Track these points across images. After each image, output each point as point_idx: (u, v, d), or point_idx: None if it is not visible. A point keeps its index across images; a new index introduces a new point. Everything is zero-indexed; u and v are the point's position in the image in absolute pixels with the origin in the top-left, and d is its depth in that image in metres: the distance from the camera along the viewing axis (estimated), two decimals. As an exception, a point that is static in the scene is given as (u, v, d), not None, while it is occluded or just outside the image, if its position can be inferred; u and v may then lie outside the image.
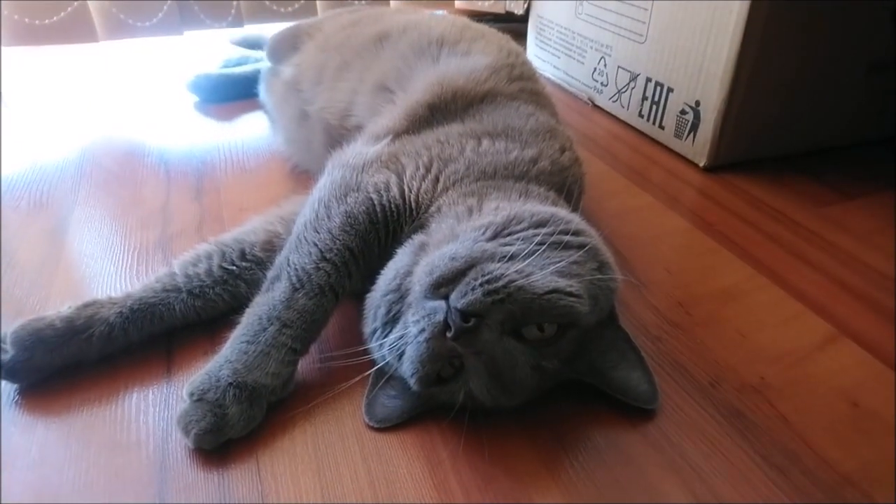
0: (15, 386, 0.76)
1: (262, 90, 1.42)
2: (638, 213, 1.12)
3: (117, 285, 0.93)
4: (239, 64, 1.59)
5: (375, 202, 0.80)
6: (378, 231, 0.80)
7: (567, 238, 0.69)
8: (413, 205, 0.80)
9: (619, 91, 1.43)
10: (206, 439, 0.66)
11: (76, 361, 0.77)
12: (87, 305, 0.78)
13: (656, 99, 1.33)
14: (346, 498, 0.64)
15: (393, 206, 0.80)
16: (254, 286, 0.81)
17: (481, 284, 0.62)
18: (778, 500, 0.64)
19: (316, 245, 0.78)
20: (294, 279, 0.76)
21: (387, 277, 0.73)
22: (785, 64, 1.17)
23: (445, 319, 0.62)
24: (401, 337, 0.67)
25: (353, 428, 0.71)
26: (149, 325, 0.79)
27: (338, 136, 1.05)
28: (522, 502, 0.64)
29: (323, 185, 0.84)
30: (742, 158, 1.26)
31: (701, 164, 1.25)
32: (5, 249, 1.00)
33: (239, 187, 1.18)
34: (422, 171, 0.82)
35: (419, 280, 0.66)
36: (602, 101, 1.50)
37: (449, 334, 0.61)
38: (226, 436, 0.67)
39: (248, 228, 0.90)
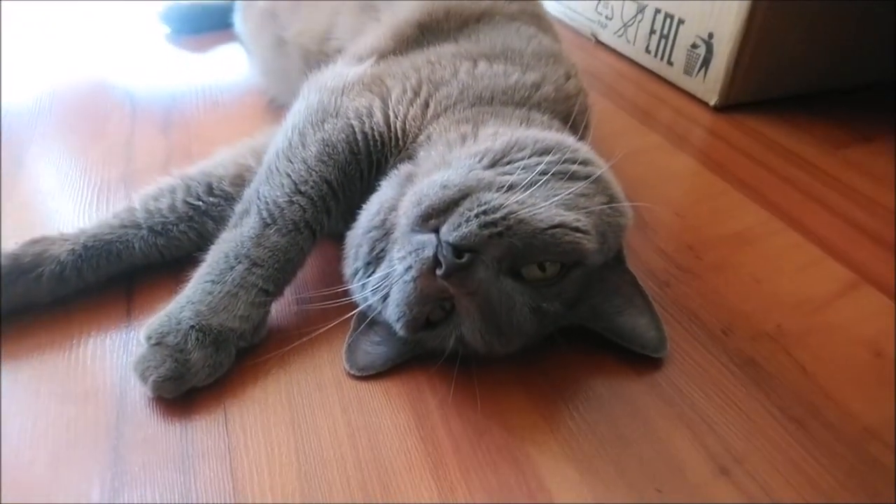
0: (-42, 330, 0.68)
1: (237, 19, 1.31)
2: (644, 153, 1.04)
3: (76, 224, 0.84)
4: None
5: (356, 129, 0.71)
6: (359, 162, 0.71)
7: (574, 168, 0.61)
8: (399, 132, 0.71)
9: (624, 25, 1.33)
10: (165, 387, 0.59)
11: (25, 304, 0.69)
12: (35, 242, 0.70)
13: (665, 32, 1.23)
14: (322, 451, 0.57)
15: (376, 133, 0.71)
16: (222, 224, 0.72)
17: (477, 215, 0.54)
18: (796, 455, 0.59)
19: (289, 176, 0.70)
20: (265, 213, 0.68)
21: (370, 212, 0.65)
22: (805, -6, 1.07)
23: (435, 255, 0.54)
24: (385, 277, 0.60)
25: (331, 376, 0.65)
26: (105, 264, 0.72)
27: (317, 63, 0.95)
28: (518, 456, 0.58)
29: (298, 111, 0.75)
30: (755, 97, 1.18)
31: (711, 103, 1.17)
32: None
33: (210, 122, 1.09)
34: (409, 94, 0.73)
35: (405, 212, 0.58)
36: (606, 36, 1.40)
37: (439, 272, 0.54)
38: (188, 384, 0.60)
39: (217, 161, 0.82)
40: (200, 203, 0.76)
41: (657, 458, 0.58)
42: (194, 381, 0.61)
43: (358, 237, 0.65)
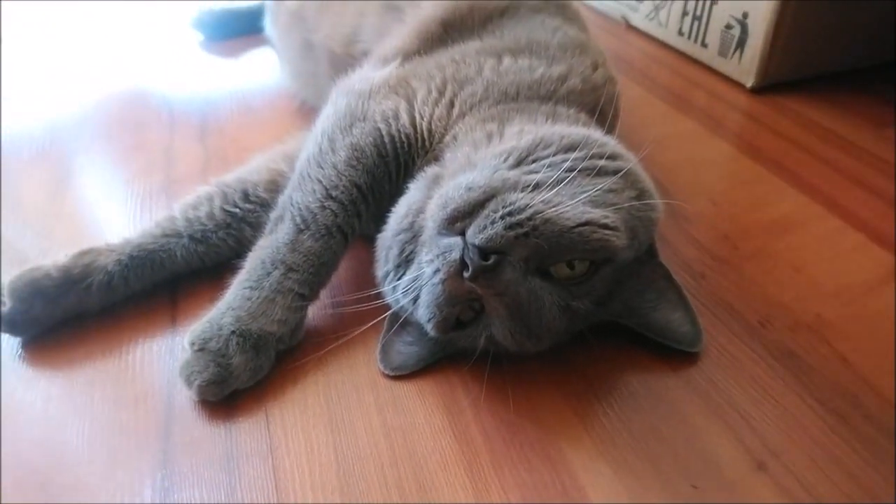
0: (17, 339, 0.72)
1: (268, 23, 1.33)
2: (679, 139, 1.03)
3: (122, 233, 0.87)
4: (245, -2, 1.50)
5: (383, 132, 0.72)
6: (388, 165, 0.73)
7: (601, 163, 0.61)
8: (425, 133, 0.72)
9: (656, 7, 1.30)
10: (209, 391, 0.62)
11: (77, 313, 0.73)
12: (83, 254, 0.74)
13: (698, 13, 1.20)
14: (360, 450, 0.59)
15: (403, 135, 0.72)
16: (259, 229, 0.75)
17: (502, 217, 0.55)
18: (837, 449, 0.58)
19: (320, 182, 0.71)
20: (298, 219, 0.70)
21: (398, 215, 0.66)
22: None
23: (462, 258, 0.55)
24: (415, 279, 0.61)
25: (367, 377, 0.66)
26: (149, 272, 0.75)
27: (343, 66, 0.96)
28: (551, 454, 0.59)
29: (326, 116, 0.77)
30: (794, 77, 1.14)
31: (748, 85, 1.13)
32: (7, 200, 0.96)
33: (244, 127, 1.12)
34: (434, 94, 0.73)
35: (432, 215, 0.59)
36: (637, 19, 1.38)
37: (466, 274, 0.55)
38: (231, 387, 0.63)
39: (251, 168, 0.84)
40: (237, 210, 0.79)
41: (693, 453, 0.58)
42: (236, 384, 0.63)
43: (387, 240, 0.66)
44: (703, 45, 1.21)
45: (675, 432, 0.60)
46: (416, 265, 0.62)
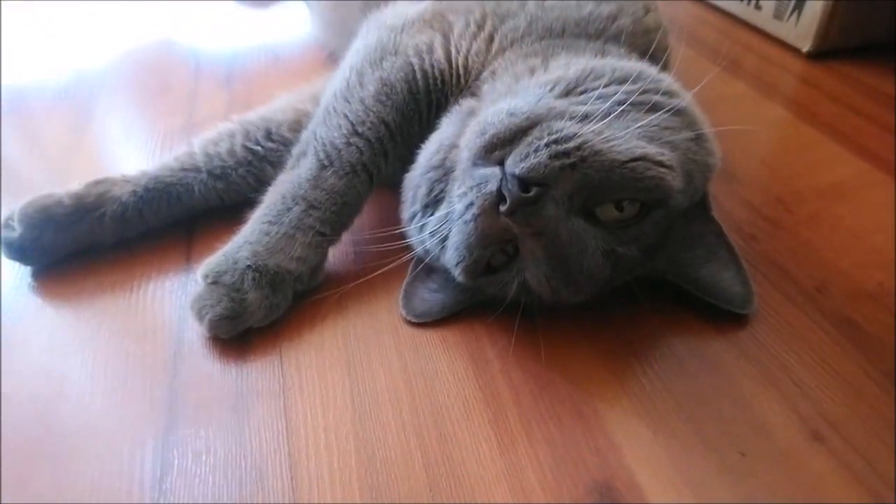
0: (28, 268, 0.70)
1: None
2: (729, 101, 0.96)
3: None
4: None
5: (416, 66, 0.67)
6: (419, 102, 0.68)
7: (656, 98, 0.55)
8: (461, 69, 0.67)
9: (706, -32, 1.23)
10: (221, 326, 0.58)
11: (89, 244, 0.70)
12: (97, 183, 0.70)
13: (753, -27, 1.12)
14: (378, 395, 0.55)
15: (437, 71, 0.67)
16: (280, 169, 0.70)
17: (547, 145, 0.49)
18: (903, 423, 0.52)
19: (346, 117, 0.67)
20: (322, 155, 0.66)
21: (429, 151, 0.62)
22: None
23: (499, 189, 0.50)
24: (444, 218, 0.56)
25: (388, 321, 0.62)
26: (166, 206, 0.71)
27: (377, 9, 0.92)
28: (584, 411, 0.54)
29: (356, 50, 0.72)
30: (853, 43, 1.06)
31: (805, 50, 1.06)
32: (28, 138, 0.94)
33: (271, 76, 1.08)
34: (473, 28, 0.68)
35: (468, 144, 0.54)
36: (685, -18, 1.30)
37: (502, 208, 0.49)
38: (245, 323, 0.59)
39: (276, 107, 0.80)
40: (259, 148, 0.75)
41: (740, 419, 0.53)
42: (250, 322, 0.60)
43: (416, 178, 0.62)
44: (758, 7, 1.14)
45: (722, 397, 0.55)
46: (446, 203, 0.57)
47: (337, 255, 0.70)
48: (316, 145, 0.67)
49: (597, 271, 0.53)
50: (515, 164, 0.49)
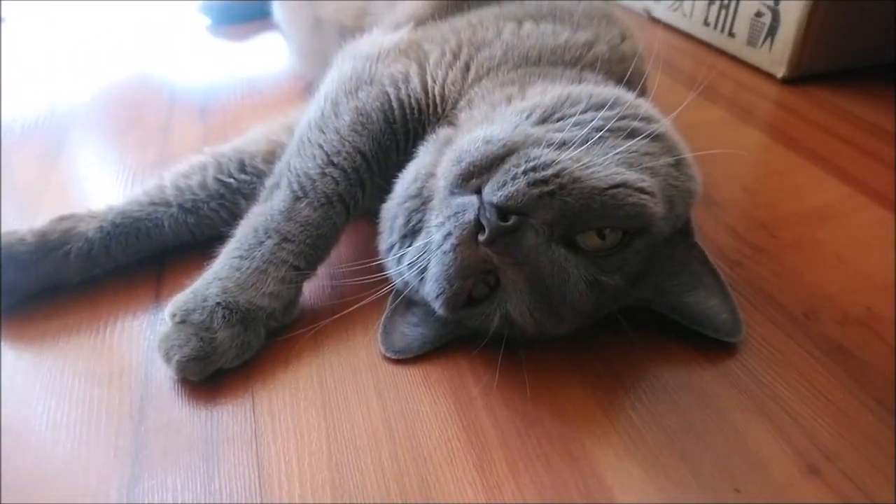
0: (-13, 310, 0.66)
1: (275, 4, 1.29)
2: (707, 127, 0.96)
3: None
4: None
5: (392, 96, 0.66)
6: (395, 131, 0.66)
7: (634, 124, 0.55)
8: (437, 99, 0.66)
9: (680, -3, 1.25)
10: (190, 367, 0.56)
11: (54, 283, 0.67)
12: (62, 219, 0.68)
13: (725, 2, 1.14)
14: (356, 439, 0.52)
15: (413, 100, 0.66)
16: (254, 202, 0.68)
17: (525, 172, 0.48)
18: (900, 453, 0.50)
19: (321, 147, 0.65)
20: (296, 186, 0.64)
21: (406, 180, 0.60)
22: (888, -51, 0.97)
23: (477, 218, 0.48)
24: (422, 249, 0.55)
25: (366, 359, 0.60)
26: (134, 242, 0.69)
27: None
28: (573, 450, 0.51)
29: (331, 80, 0.71)
30: (827, 68, 1.07)
31: (779, 75, 1.07)
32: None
33: (248, 108, 1.07)
34: (448, 57, 0.67)
35: (443, 173, 0.52)
36: (660, 11, 1.32)
37: (481, 238, 0.48)
38: (214, 364, 0.56)
39: (250, 138, 0.78)
40: (232, 180, 0.73)
41: (734, 453, 0.51)
42: (221, 362, 0.57)
43: (393, 209, 0.60)
44: (731, 34, 1.15)
45: (714, 430, 0.53)
46: (424, 234, 0.55)
47: (313, 289, 0.67)
48: (290, 176, 0.65)
49: (580, 302, 0.52)
50: (493, 192, 0.48)
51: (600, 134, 0.52)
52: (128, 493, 0.49)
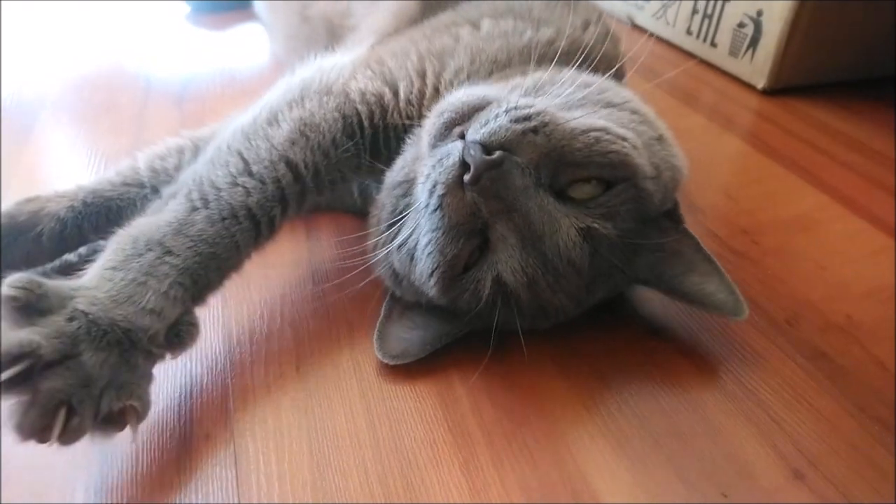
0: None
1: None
2: (688, 134, 0.97)
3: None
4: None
5: (361, 112, 0.63)
6: (357, 144, 0.63)
7: (616, 100, 0.55)
8: (415, 117, 0.63)
9: (664, 6, 1.26)
10: (37, 421, 0.41)
11: (24, 268, 0.63)
12: (29, 201, 0.65)
13: (709, 12, 1.15)
14: (338, 438, 0.51)
15: (385, 118, 0.63)
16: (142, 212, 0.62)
17: (507, 111, 0.49)
18: (880, 458, 0.51)
19: (240, 154, 0.58)
20: (195, 195, 0.55)
21: (393, 171, 0.59)
22: (866, -34, 0.99)
23: (462, 159, 0.48)
24: (411, 229, 0.53)
25: (349, 358, 0.58)
26: (105, 222, 0.65)
27: (341, 34, 0.90)
28: (560, 451, 0.51)
29: (276, 88, 0.66)
30: (807, 81, 1.09)
31: (759, 86, 1.09)
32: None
33: (227, 97, 1.04)
34: (417, 83, 0.64)
35: (427, 129, 0.52)
36: (643, 19, 1.33)
37: (467, 178, 0.47)
38: (83, 418, 0.43)
39: (228, 123, 0.75)
40: None
41: (720, 458, 0.51)
42: (94, 405, 0.44)
43: (381, 199, 0.59)
44: (713, 44, 1.16)
45: (700, 433, 0.53)
46: (412, 213, 0.54)
47: (293, 285, 0.65)
48: (191, 185, 0.57)
49: (574, 254, 0.50)
50: (476, 131, 0.48)
51: (579, 101, 0.53)
52: (95, 492, 0.47)
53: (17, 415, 0.41)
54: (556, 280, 0.50)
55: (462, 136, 0.49)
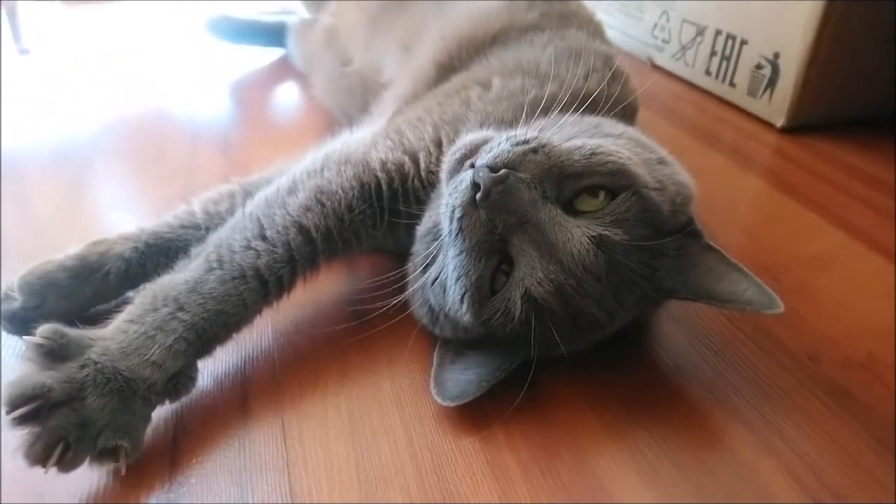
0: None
1: (294, 41, 1.34)
2: (709, 174, 1.00)
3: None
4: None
5: (382, 180, 0.68)
6: (374, 208, 0.68)
7: (613, 131, 0.62)
8: (435, 180, 0.68)
9: (683, 48, 1.31)
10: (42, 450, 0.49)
11: (92, 306, 0.69)
12: (96, 243, 0.71)
13: (727, 53, 1.20)
14: (383, 469, 0.54)
15: (406, 185, 0.69)
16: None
17: (508, 139, 0.56)
18: (904, 495, 0.53)
19: (259, 220, 0.64)
20: (213, 257, 0.61)
21: (422, 223, 0.65)
22: (879, 8, 1.03)
23: (473, 181, 0.54)
24: (441, 264, 0.58)
25: (391, 392, 0.62)
26: (165, 261, 0.69)
27: (375, 90, 0.96)
28: (592, 484, 0.54)
29: (303, 159, 0.73)
30: (825, 119, 1.13)
31: (778, 125, 1.12)
32: (21, 200, 0.94)
33: (269, 142, 1.10)
34: (433, 149, 0.69)
35: (443, 170, 0.60)
36: (663, 59, 1.38)
37: (478, 196, 0.53)
38: (84, 445, 0.50)
39: (276, 169, 0.81)
40: None
41: (745, 491, 0.53)
42: (93, 441, 0.51)
43: (415, 250, 0.64)
44: (732, 84, 1.21)
45: (725, 466, 0.55)
46: (441, 252, 0.59)
47: (335, 321, 0.70)
48: (211, 248, 0.63)
49: (590, 260, 0.53)
50: (482, 157, 0.55)
51: (575, 133, 0.60)
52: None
53: (26, 444, 0.49)
54: (579, 285, 0.54)
55: (472, 166, 0.56)
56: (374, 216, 0.69)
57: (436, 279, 0.59)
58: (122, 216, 0.91)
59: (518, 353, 0.58)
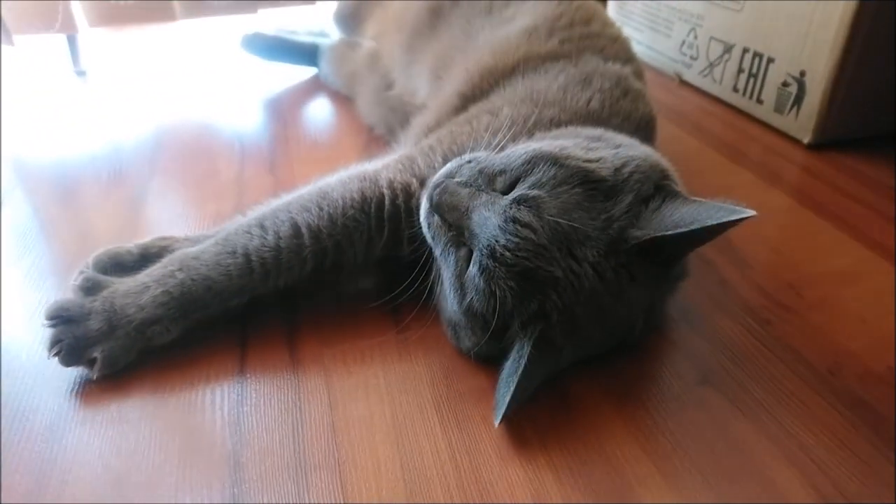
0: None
1: (332, 62, 1.39)
2: (736, 190, 1.03)
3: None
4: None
5: (386, 196, 0.74)
6: (370, 221, 0.74)
7: (594, 135, 0.69)
8: None
9: (710, 64, 1.33)
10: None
11: None
12: (162, 238, 0.80)
13: (754, 71, 1.22)
14: (426, 469, 0.59)
15: (410, 204, 0.74)
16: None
17: (455, 161, 0.67)
18: (921, 506, 0.56)
19: (264, 213, 0.75)
20: (221, 236, 0.74)
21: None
22: (907, 28, 1.05)
23: (427, 196, 0.65)
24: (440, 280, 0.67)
25: (431, 398, 0.67)
26: None
27: (411, 112, 1.02)
28: (622, 489, 0.58)
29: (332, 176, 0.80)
30: (852, 135, 1.15)
31: (805, 141, 1.15)
32: (83, 219, 1.01)
33: (312, 161, 1.16)
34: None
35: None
36: (691, 76, 1.41)
37: (429, 205, 0.64)
38: (83, 349, 0.67)
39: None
40: None
41: (766, 497, 0.57)
42: (87, 345, 0.67)
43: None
44: (759, 101, 1.23)
45: (748, 475, 0.59)
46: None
47: (379, 329, 0.75)
48: (224, 230, 0.75)
49: (521, 214, 0.58)
50: (434, 180, 0.66)
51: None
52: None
53: (47, 340, 0.68)
54: (517, 246, 0.58)
55: None
56: (369, 227, 0.74)
57: (442, 291, 0.66)
58: (179, 231, 0.97)
59: (515, 333, 0.62)
